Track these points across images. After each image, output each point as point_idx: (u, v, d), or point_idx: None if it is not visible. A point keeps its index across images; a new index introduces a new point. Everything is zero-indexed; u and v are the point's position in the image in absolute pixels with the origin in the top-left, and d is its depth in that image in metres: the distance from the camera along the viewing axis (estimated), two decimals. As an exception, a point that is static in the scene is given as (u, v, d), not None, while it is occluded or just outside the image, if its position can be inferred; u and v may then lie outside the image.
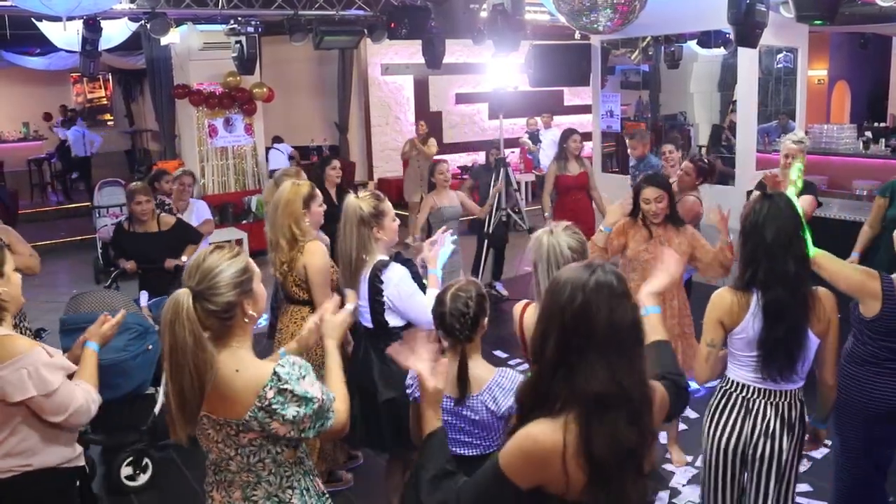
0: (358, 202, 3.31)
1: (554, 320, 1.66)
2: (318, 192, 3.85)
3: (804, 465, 4.28)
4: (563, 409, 1.64)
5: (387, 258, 3.33)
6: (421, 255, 3.40)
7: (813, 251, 2.95)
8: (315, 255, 3.65)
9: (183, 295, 1.99)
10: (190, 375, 1.96)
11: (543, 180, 10.14)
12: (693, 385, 5.36)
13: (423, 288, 3.26)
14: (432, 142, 10.24)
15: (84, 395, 2.58)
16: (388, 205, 3.38)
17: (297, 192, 3.72)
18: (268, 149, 11.19)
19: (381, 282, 3.24)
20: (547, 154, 10.56)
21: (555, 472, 1.63)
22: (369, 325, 3.37)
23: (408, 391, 2.64)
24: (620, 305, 1.63)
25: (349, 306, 2.71)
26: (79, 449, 2.75)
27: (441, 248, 3.34)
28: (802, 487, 4.06)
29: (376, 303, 3.28)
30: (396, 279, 3.24)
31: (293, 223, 3.65)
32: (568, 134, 6.88)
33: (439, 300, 2.51)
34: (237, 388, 2.03)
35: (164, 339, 2.00)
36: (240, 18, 8.82)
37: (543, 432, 1.64)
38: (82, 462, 2.77)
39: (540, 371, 1.69)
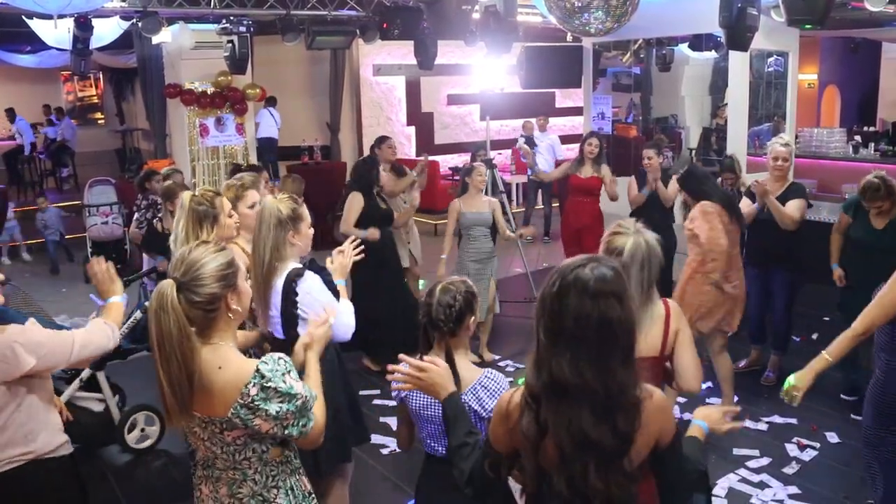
0: (276, 203, 3.07)
1: (539, 305, 1.78)
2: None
3: (793, 468, 4.30)
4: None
5: (300, 266, 3.12)
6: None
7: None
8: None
9: (167, 285, 2.01)
10: (178, 364, 1.98)
11: (538, 183, 10.15)
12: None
13: (336, 296, 3.11)
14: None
15: (79, 333, 2.66)
16: (305, 210, 3.17)
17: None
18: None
19: (297, 294, 3.05)
20: (545, 158, 10.45)
21: (508, 426, 1.83)
22: (281, 336, 3.13)
23: (393, 393, 2.64)
24: (587, 302, 1.67)
25: (331, 320, 2.73)
26: (65, 436, 2.74)
27: (346, 259, 3.20)
28: (792, 490, 4.07)
29: (290, 315, 3.08)
30: (309, 289, 3.07)
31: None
32: (586, 137, 6.85)
33: (429, 293, 2.53)
34: (220, 386, 2.04)
35: (150, 329, 2.01)
36: (232, 18, 8.80)
37: (504, 394, 1.92)
38: (71, 449, 2.76)
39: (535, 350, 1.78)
